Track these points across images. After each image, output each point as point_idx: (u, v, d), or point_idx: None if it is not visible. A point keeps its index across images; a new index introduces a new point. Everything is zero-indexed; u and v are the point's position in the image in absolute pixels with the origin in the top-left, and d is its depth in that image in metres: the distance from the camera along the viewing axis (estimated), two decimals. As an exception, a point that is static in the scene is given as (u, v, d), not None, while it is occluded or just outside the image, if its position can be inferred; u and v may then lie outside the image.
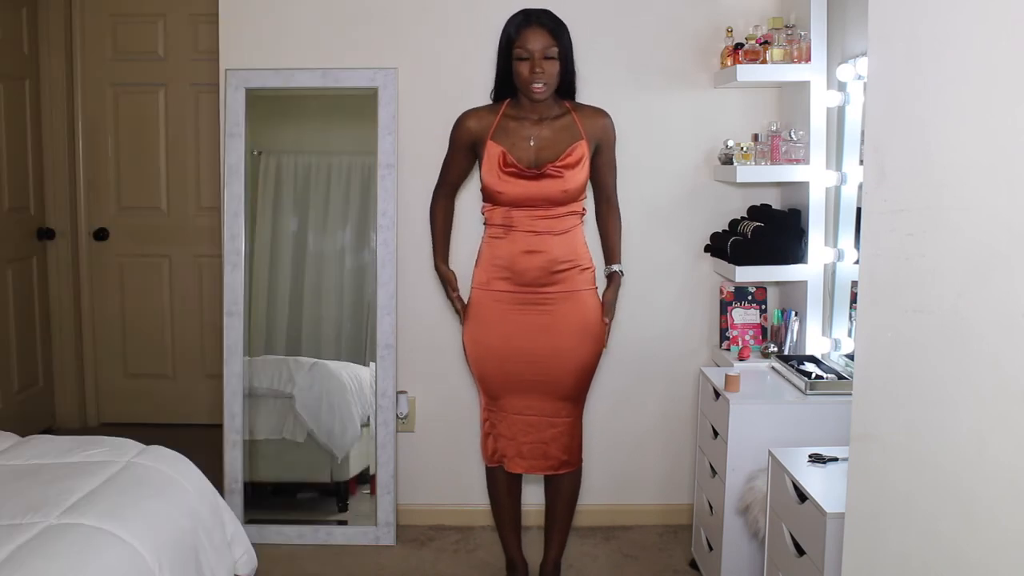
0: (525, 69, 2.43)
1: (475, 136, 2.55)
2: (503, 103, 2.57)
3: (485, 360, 2.57)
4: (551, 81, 2.46)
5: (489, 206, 2.55)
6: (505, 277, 2.53)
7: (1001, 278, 1.05)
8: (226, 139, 3.06)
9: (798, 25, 2.85)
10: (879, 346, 1.33)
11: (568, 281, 2.52)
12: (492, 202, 2.53)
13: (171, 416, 4.24)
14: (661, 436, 3.25)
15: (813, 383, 2.51)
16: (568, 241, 2.52)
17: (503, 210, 2.51)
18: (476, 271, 2.60)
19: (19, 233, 4.01)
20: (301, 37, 3.09)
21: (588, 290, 2.57)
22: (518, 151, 2.49)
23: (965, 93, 1.13)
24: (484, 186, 2.53)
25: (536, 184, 2.47)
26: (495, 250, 2.54)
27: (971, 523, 1.12)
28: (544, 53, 2.43)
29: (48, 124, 4.15)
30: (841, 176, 2.72)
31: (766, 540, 2.22)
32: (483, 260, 2.58)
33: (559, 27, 2.47)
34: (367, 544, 3.09)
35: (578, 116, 2.54)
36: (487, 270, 2.56)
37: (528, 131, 2.52)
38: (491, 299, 2.55)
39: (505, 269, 2.52)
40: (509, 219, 2.51)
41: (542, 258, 2.50)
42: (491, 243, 2.56)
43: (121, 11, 4.16)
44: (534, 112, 2.53)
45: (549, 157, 2.49)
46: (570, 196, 2.49)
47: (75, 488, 2.02)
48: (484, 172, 2.52)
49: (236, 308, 3.08)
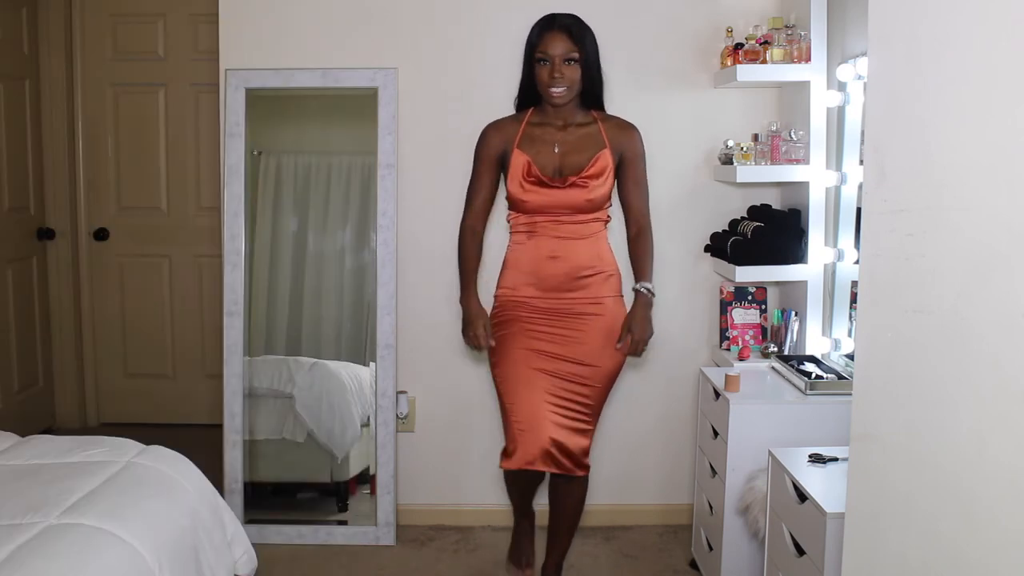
0: (545, 73, 2.41)
1: (501, 148, 2.50)
2: (527, 112, 2.53)
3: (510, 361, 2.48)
4: (572, 86, 2.42)
5: (514, 213, 2.52)
6: (530, 283, 2.49)
7: (1001, 278, 1.05)
8: (226, 139, 3.06)
9: (798, 25, 2.85)
10: (879, 346, 1.33)
11: (593, 287, 2.48)
12: (517, 210, 2.50)
13: (171, 416, 4.24)
14: (661, 436, 3.25)
15: (813, 383, 2.51)
16: (592, 246, 2.48)
17: (527, 216, 2.48)
18: (503, 276, 2.57)
19: (19, 233, 4.01)
20: (301, 37, 3.09)
21: (613, 297, 2.52)
22: (543, 158, 2.46)
23: (965, 93, 1.13)
24: (509, 195, 2.50)
25: (561, 193, 2.44)
26: (520, 256, 2.51)
27: (971, 523, 1.12)
28: (564, 57, 2.40)
29: (48, 124, 4.15)
30: (841, 176, 2.72)
31: (766, 540, 2.22)
32: (509, 265, 2.55)
33: (582, 32, 2.43)
34: (367, 544, 3.09)
35: (604, 126, 2.50)
36: (513, 275, 2.53)
37: (552, 137, 2.49)
38: (517, 303, 2.50)
39: (530, 275, 2.49)
40: (533, 225, 2.48)
41: (566, 264, 2.46)
42: (516, 249, 2.53)
43: (121, 11, 4.16)
44: (558, 118, 2.49)
45: (574, 165, 2.45)
46: (595, 205, 2.46)
47: (75, 488, 2.02)
48: (509, 181, 2.49)
49: (236, 308, 3.08)
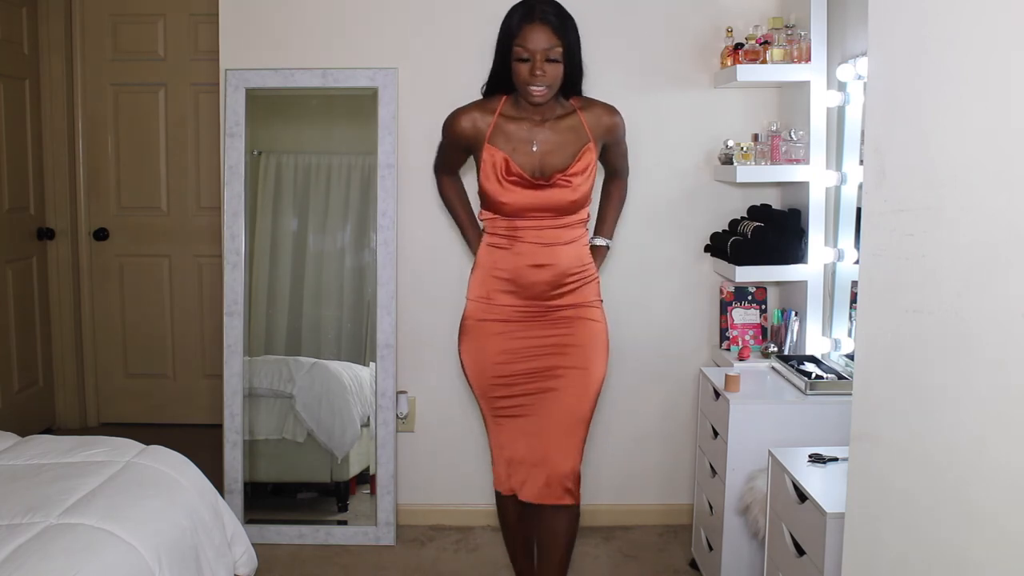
0: (524, 71, 2.19)
1: (469, 138, 2.30)
2: (499, 100, 2.31)
3: (486, 378, 2.35)
4: (553, 84, 2.22)
5: (489, 214, 2.32)
6: (509, 291, 2.30)
7: (1001, 278, 1.05)
8: (226, 139, 3.06)
9: (798, 25, 2.85)
10: (879, 346, 1.33)
11: (577, 293, 2.32)
12: (493, 211, 2.30)
13: (171, 416, 4.24)
14: (661, 436, 3.25)
15: (813, 383, 2.51)
16: (576, 250, 2.32)
17: (506, 220, 2.29)
18: (473, 280, 2.36)
19: (19, 233, 4.01)
20: (301, 37, 3.09)
21: (596, 303, 2.37)
22: (520, 156, 2.26)
23: (965, 93, 1.13)
24: (485, 193, 2.29)
25: (543, 193, 2.25)
26: (497, 261, 2.31)
27: (971, 523, 1.12)
28: (547, 55, 2.18)
29: (48, 124, 4.15)
30: (841, 176, 2.72)
31: (766, 540, 2.22)
32: (482, 269, 2.34)
33: (564, 23, 2.21)
34: (367, 544, 3.09)
35: (584, 115, 2.30)
36: (486, 281, 2.33)
37: (530, 134, 2.28)
38: (492, 313, 2.32)
39: (509, 282, 2.30)
40: (513, 229, 2.28)
41: (551, 271, 2.28)
42: (491, 252, 2.33)
43: (121, 11, 4.16)
44: (536, 112, 2.28)
45: (556, 163, 2.27)
46: (578, 205, 2.29)
47: (75, 488, 2.02)
48: (483, 179, 2.28)
49: (236, 308, 3.08)
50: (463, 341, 2.38)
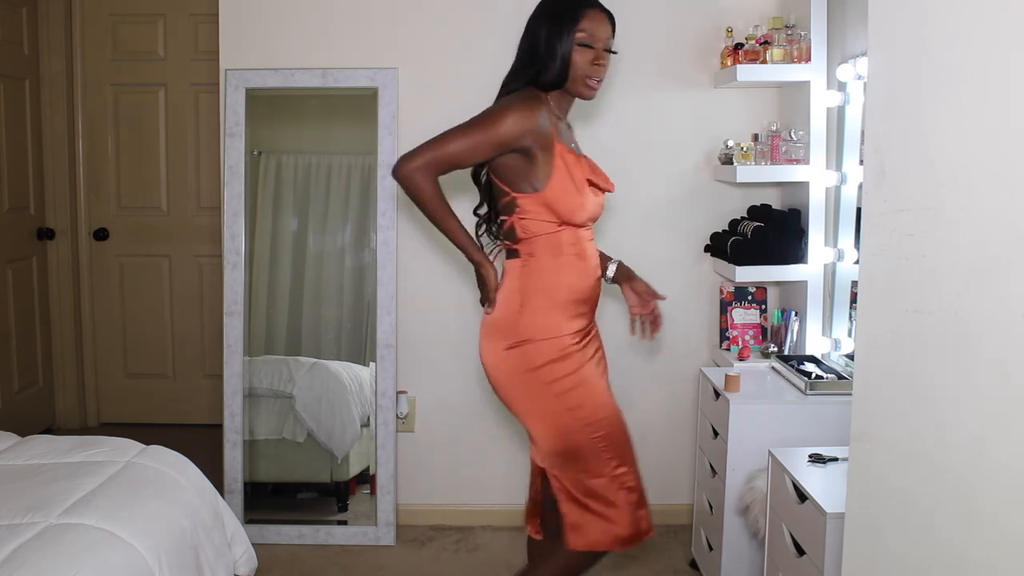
0: (587, 59, 1.98)
1: (538, 136, 1.94)
2: (541, 96, 2.01)
3: (614, 424, 2.09)
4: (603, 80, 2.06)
5: (553, 227, 1.99)
6: (580, 314, 2.04)
7: (1001, 278, 1.05)
8: (226, 139, 3.06)
9: (798, 25, 2.85)
10: (879, 346, 1.33)
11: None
12: (562, 222, 1.99)
13: (171, 416, 4.24)
14: (661, 436, 3.25)
15: (813, 383, 2.51)
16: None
17: (571, 231, 2.01)
18: (534, 318, 2.00)
19: (19, 233, 4.01)
20: (301, 37, 3.09)
21: None
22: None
23: (965, 93, 1.13)
24: (554, 202, 1.97)
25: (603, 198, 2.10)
26: (572, 283, 2.02)
27: (971, 523, 1.12)
28: (607, 44, 2.02)
29: (48, 124, 4.15)
30: (841, 176, 2.72)
31: (766, 540, 2.22)
32: (541, 297, 2.00)
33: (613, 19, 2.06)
34: (367, 544, 3.09)
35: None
36: (554, 313, 2.00)
37: (571, 135, 2.12)
38: (578, 344, 2.04)
39: (583, 303, 2.05)
40: (578, 242, 2.02)
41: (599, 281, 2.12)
42: (557, 274, 2.01)
43: (121, 11, 4.16)
44: (561, 111, 2.07)
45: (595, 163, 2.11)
46: None
47: (75, 488, 2.02)
48: (558, 188, 1.96)
49: (236, 308, 3.08)
50: (568, 397, 2.01)
